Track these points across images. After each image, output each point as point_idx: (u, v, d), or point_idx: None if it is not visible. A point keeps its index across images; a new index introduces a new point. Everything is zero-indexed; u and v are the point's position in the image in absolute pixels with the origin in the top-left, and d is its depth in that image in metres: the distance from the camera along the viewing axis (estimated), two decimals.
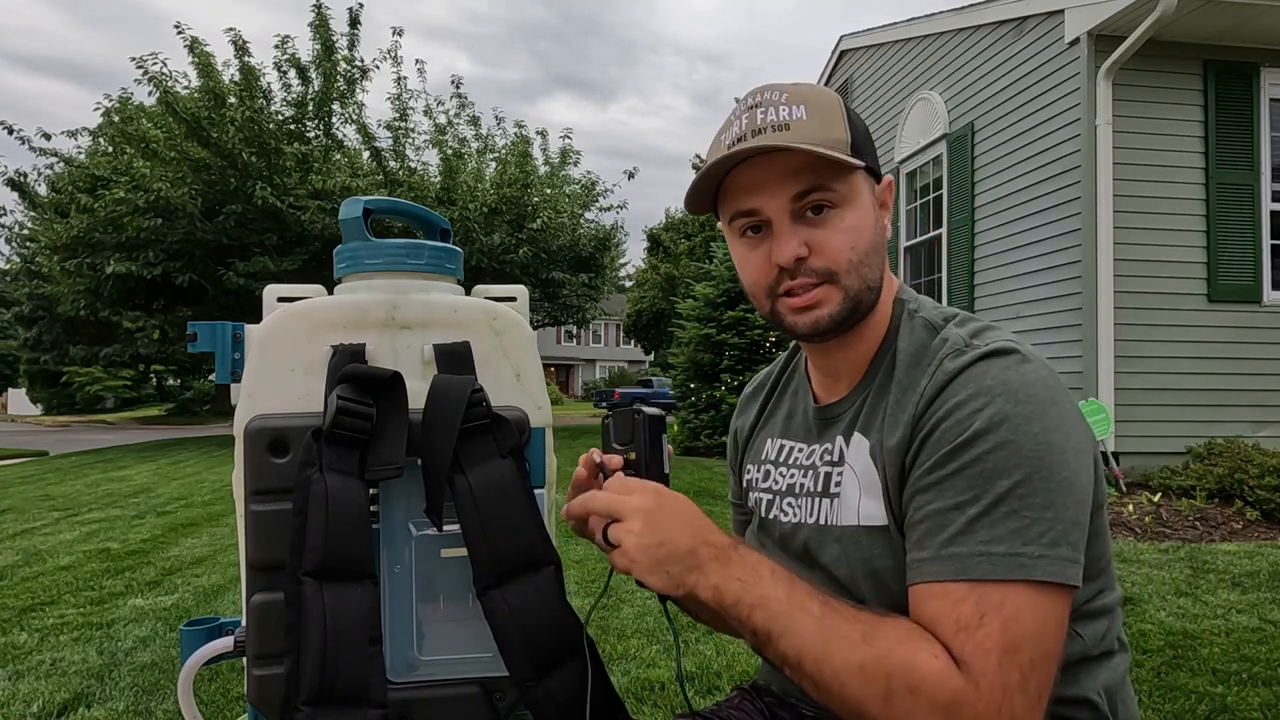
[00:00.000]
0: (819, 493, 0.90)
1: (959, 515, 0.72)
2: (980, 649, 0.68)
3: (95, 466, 10.50)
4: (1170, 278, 5.67)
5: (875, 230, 0.84)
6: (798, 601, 0.74)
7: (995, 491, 0.71)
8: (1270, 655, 2.69)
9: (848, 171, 0.81)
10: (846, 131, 0.81)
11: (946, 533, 0.72)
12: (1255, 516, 4.73)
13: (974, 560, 0.70)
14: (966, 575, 0.70)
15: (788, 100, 0.81)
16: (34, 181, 14.98)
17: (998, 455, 0.72)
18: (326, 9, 12.77)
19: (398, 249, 0.90)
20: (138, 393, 37.18)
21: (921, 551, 0.74)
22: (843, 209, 0.82)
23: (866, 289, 0.84)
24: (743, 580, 0.75)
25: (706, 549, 0.76)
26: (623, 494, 0.78)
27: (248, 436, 0.81)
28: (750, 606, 0.74)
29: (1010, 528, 0.70)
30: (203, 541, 5.15)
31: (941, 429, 0.75)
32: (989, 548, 0.70)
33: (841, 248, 0.81)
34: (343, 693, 0.76)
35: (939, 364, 0.79)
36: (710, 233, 25.07)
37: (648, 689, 2.51)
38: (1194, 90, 5.74)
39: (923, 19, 7.90)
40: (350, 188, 12.86)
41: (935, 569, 0.72)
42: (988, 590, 0.69)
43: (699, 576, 0.75)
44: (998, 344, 0.78)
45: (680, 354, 10.96)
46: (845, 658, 0.70)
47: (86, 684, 2.68)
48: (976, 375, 0.76)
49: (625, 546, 0.75)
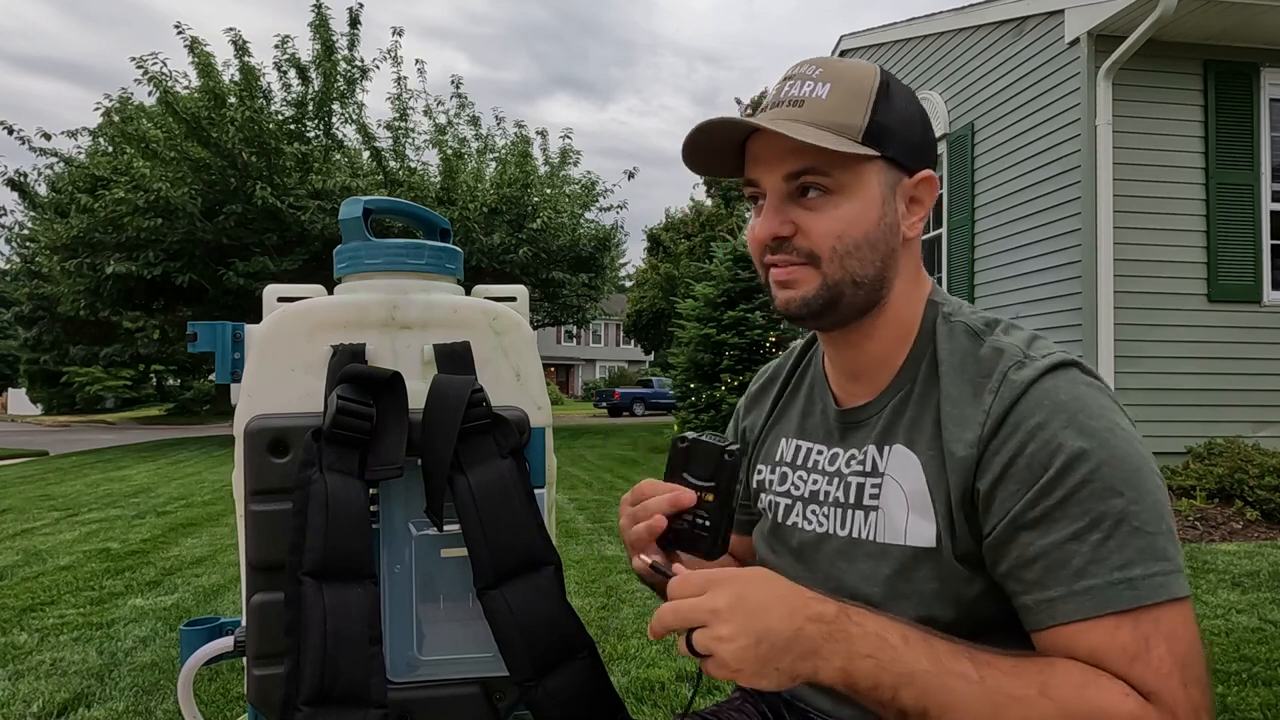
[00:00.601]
0: (850, 504, 0.84)
1: (1080, 544, 0.67)
2: (1160, 675, 0.64)
3: (95, 466, 10.50)
4: (1170, 278, 5.66)
5: (878, 225, 0.79)
6: (947, 667, 0.66)
7: (1114, 513, 0.67)
8: (1270, 655, 2.69)
9: (853, 160, 0.77)
10: (865, 118, 0.77)
11: (1072, 566, 0.67)
12: (1255, 516, 4.73)
13: (1115, 590, 0.66)
14: (1114, 607, 0.66)
15: (819, 76, 0.79)
16: (34, 181, 15.02)
17: (1103, 474, 0.68)
18: (326, 9, 12.77)
19: (398, 249, 0.90)
20: (138, 393, 37.18)
21: (1047, 591, 0.68)
22: (838, 195, 0.78)
23: (850, 282, 0.79)
24: (874, 657, 0.65)
25: (814, 627, 0.66)
26: (696, 594, 0.67)
27: (248, 436, 0.81)
28: (893, 687, 0.65)
29: (1138, 547, 0.66)
30: (203, 541, 5.15)
31: (1028, 453, 0.70)
32: (1125, 573, 0.66)
33: (826, 234, 0.78)
34: (343, 693, 0.76)
35: (1002, 378, 0.74)
36: (710, 233, 25.05)
37: (648, 689, 2.51)
38: (1194, 90, 5.74)
39: (923, 19, 7.90)
40: (350, 188, 12.87)
41: (1074, 606, 0.67)
42: (1140, 617, 0.65)
43: (816, 662, 0.65)
44: (1058, 356, 0.75)
45: (680, 354, 10.95)
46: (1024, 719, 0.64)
47: (86, 684, 2.68)
48: (1048, 391, 0.72)
49: (720, 656, 0.64)
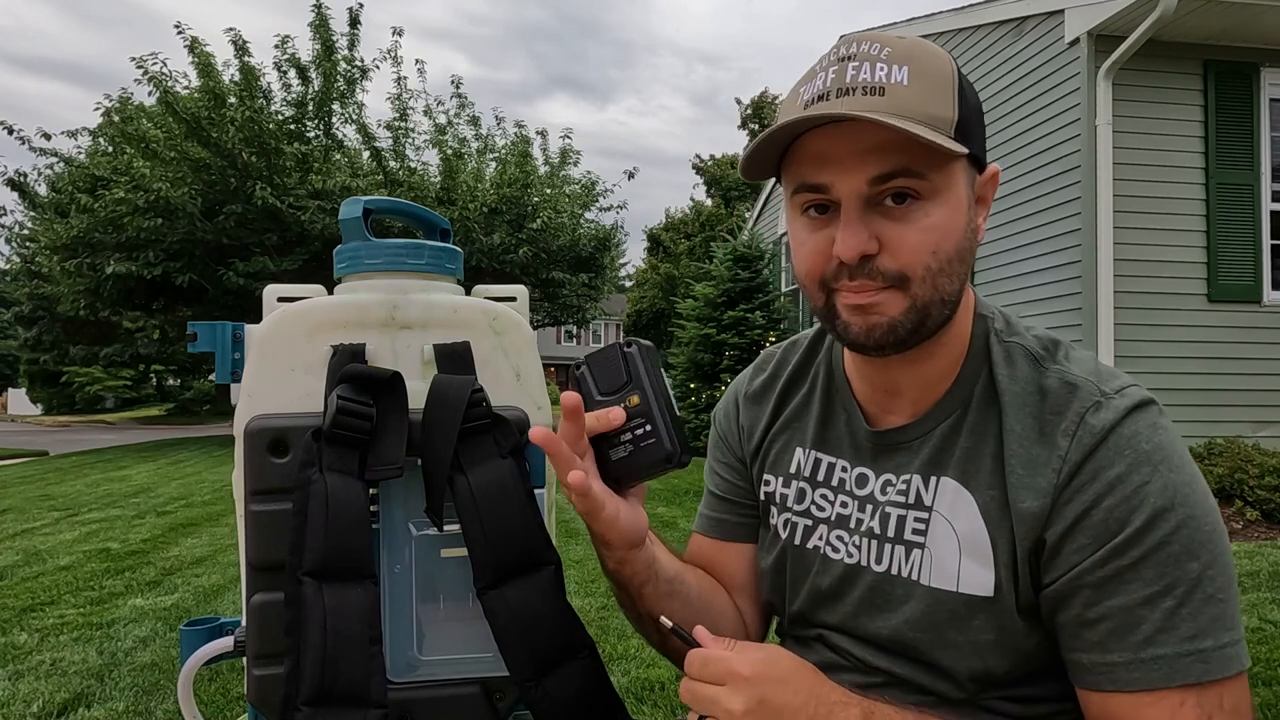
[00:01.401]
0: (889, 537, 0.78)
1: (1151, 610, 0.64)
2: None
3: (95, 466, 10.50)
4: (1170, 278, 5.66)
5: (965, 233, 0.70)
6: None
7: (1189, 578, 0.63)
8: (1270, 655, 2.69)
9: (947, 159, 0.66)
10: (955, 108, 0.66)
11: (1141, 632, 0.64)
12: (1255, 516, 4.73)
13: (1185, 661, 0.63)
14: (1181, 681, 0.63)
15: (889, 57, 0.66)
16: (34, 181, 14.99)
17: (1182, 536, 0.64)
18: (326, 9, 12.77)
19: (398, 249, 0.90)
20: (138, 393, 37.18)
21: (1110, 655, 0.65)
22: (930, 202, 0.67)
23: (940, 302, 0.69)
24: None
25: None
26: (714, 681, 0.64)
27: (248, 436, 0.81)
28: None
29: (1211, 616, 0.63)
30: (203, 541, 5.15)
31: (1105, 508, 0.66)
32: (1197, 644, 0.63)
33: (921, 249, 0.67)
34: (343, 693, 0.76)
35: (1080, 421, 0.68)
36: (710, 233, 25.05)
37: (648, 689, 2.51)
38: (1194, 90, 5.74)
39: (923, 19, 7.90)
40: (350, 188, 12.86)
41: (1138, 676, 0.64)
42: (1205, 691, 0.63)
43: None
44: (1136, 395, 0.69)
45: (680, 354, 10.96)
46: None
47: (86, 684, 2.68)
48: (1129, 440, 0.67)
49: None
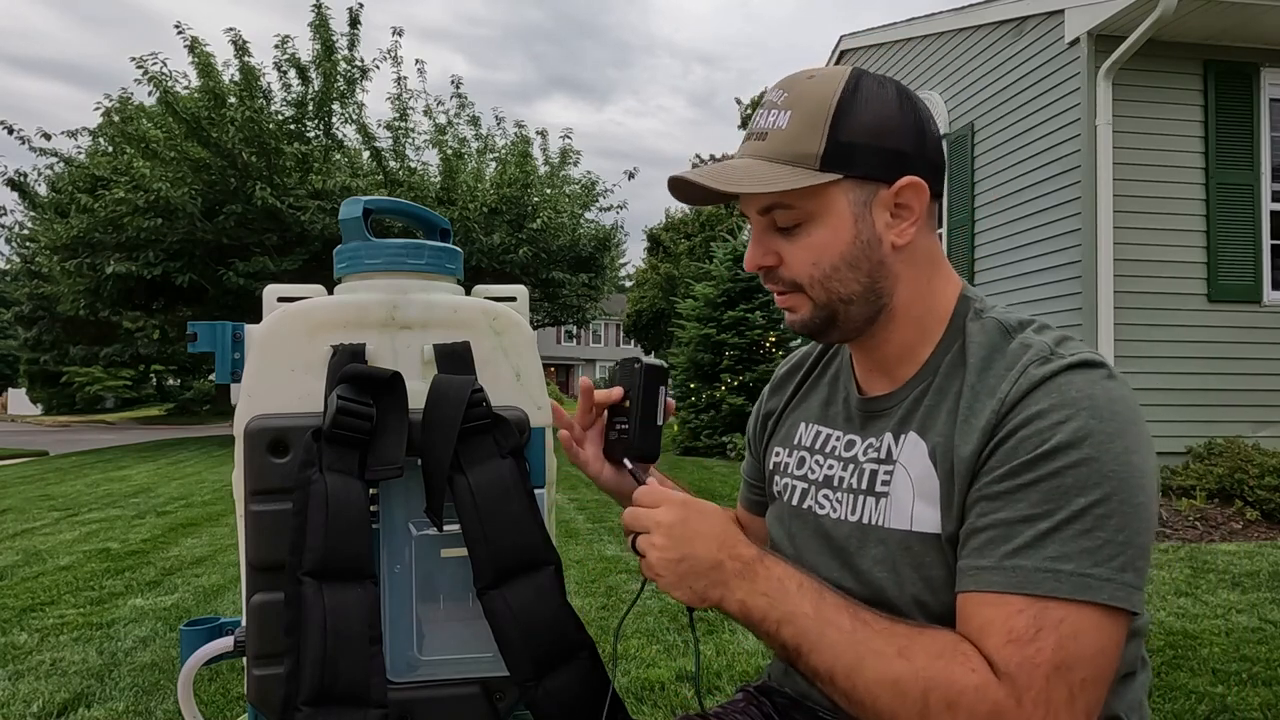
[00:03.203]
0: (863, 490, 0.86)
1: (1028, 528, 0.69)
2: (1029, 663, 0.66)
3: (95, 466, 10.50)
4: (1170, 278, 5.67)
5: (853, 244, 0.80)
6: (826, 616, 0.73)
7: (1071, 508, 0.68)
8: (1270, 655, 2.69)
9: (815, 187, 0.78)
10: (821, 144, 0.78)
11: (1012, 544, 0.70)
12: (1255, 516, 4.73)
13: (1039, 575, 0.68)
14: (1029, 590, 0.68)
15: (784, 102, 0.80)
16: (34, 181, 14.99)
17: (1079, 471, 0.69)
18: (326, 9, 12.77)
19: (398, 249, 0.90)
20: (138, 393, 37.17)
21: (981, 559, 0.71)
22: (808, 225, 0.80)
23: (839, 300, 0.82)
24: (769, 595, 0.75)
25: (732, 563, 0.76)
26: (649, 506, 0.80)
27: (248, 436, 0.81)
28: (777, 622, 0.74)
29: (1081, 547, 0.68)
30: (203, 541, 5.15)
31: (1019, 436, 0.72)
32: (1056, 565, 0.68)
33: (803, 263, 0.82)
34: (343, 693, 0.76)
35: (1023, 370, 0.75)
36: (710, 233, 25.04)
37: (648, 689, 2.51)
38: (1194, 90, 5.74)
39: (923, 19, 7.90)
40: (350, 188, 12.86)
41: (995, 579, 0.70)
42: (1049, 606, 0.67)
43: (723, 592, 0.76)
44: (1085, 355, 0.75)
45: (680, 354, 10.96)
46: (878, 672, 0.69)
47: (86, 684, 2.68)
48: (1061, 385, 0.73)
49: (649, 560, 0.78)
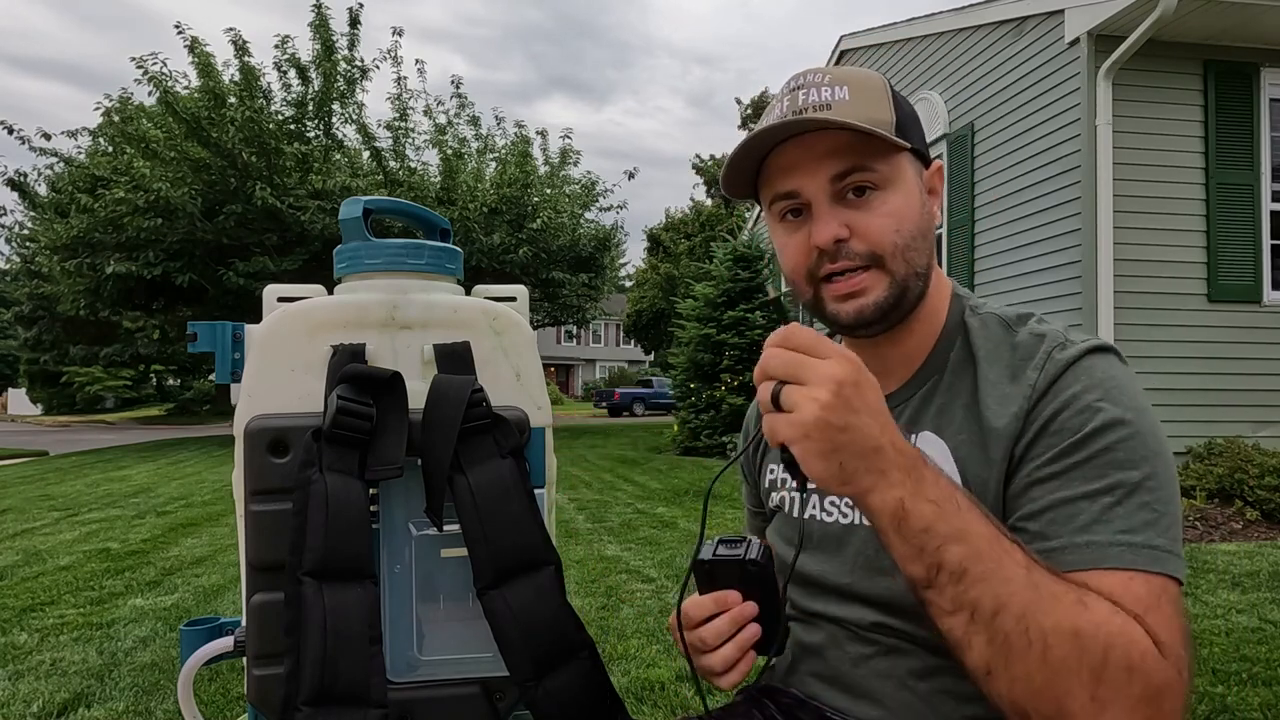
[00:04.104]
0: None
1: (1091, 503, 0.68)
2: (1170, 629, 0.63)
3: (95, 466, 10.50)
4: (1170, 278, 5.67)
5: (922, 215, 0.81)
6: (1003, 544, 0.63)
7: (1129, 483, 0.68)
8: (1270, 655, 2.69)
9: (891, 152, 0.78)
10: (891, 112, 0.79)
11: (1078, 521, 0.68)
12: (1255, 516, 4.73)
13: (1114, 549, 0.66)
14: (1116, 564, 0.66)
15: (830, 81, 0.79)
16: (34, 181, 15.02)
17: (1129, 445, 0.69)
18: (326, 9, 12.77)
19: (398, 249, 0.90)
20: (138, 393, 37.18)
21: (1049, 541, 0.69)
22: (886, 191, 0.78)
23: (914, 275, 0.80)
24: (938, 504, 0.63)
25: (895, 454, 0.64)
26: (814, 354, 0.64)
27: (248, 436, 0.81)
28: (945, 537, 0.63)
29: (1144, 519, 0.67)
30: (203, 541, 5.15)
31: (1061, 418, 0.72)
32: (1128, 537, 0.67)
33: (885, 230, 0.78)
34: (343, 693, 0.76)
35: (1047, 356, 0.76)
36: (710, 233, 25.05)
37: (648, 689, 2.51)
38: (1194, 90, 5.74)
39: (923, 19, 7.90)
40: (350, 188, 12.87)
41: (1075, 557, 0.67)
42: (1148, 577, 0.66)
43: (878, 481, 0.63)
44: (1098, 341, 0.77)
45: (680, 354, 10.96)
46: (1058, 618, 0.61)
47: (86, 684, 2.68)
48: (1088, 368, 0.74)
49: (802, 415, 0.62)
